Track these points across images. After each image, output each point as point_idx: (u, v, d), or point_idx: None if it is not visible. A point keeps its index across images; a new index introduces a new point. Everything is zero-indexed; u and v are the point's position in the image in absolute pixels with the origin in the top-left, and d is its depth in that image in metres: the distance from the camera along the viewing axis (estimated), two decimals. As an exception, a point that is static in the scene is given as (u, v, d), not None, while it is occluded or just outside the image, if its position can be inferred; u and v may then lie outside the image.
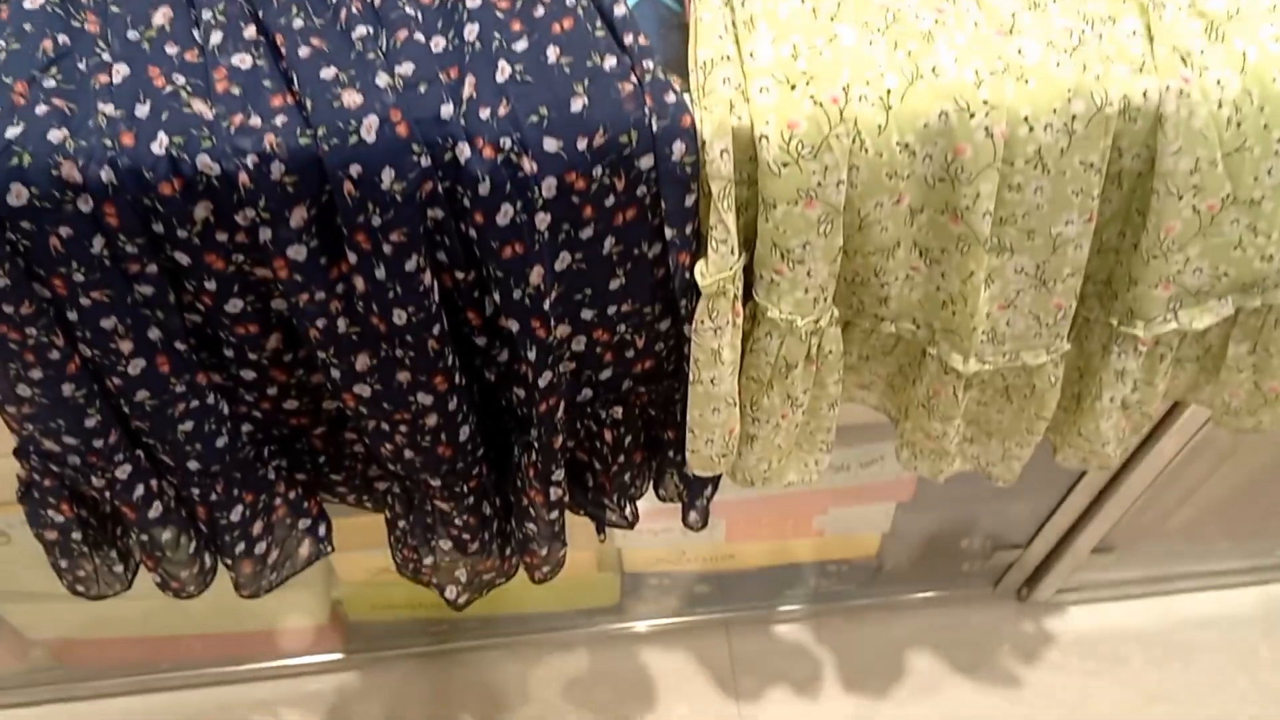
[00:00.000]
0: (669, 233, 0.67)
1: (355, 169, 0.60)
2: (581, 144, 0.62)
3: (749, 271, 0.71)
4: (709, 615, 1.50)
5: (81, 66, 0.62)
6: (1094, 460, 0.85)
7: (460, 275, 0.68)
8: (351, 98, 0.60)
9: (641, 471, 0.89)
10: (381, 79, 0.61)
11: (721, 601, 1.49)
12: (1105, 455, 0.84)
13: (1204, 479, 1.25)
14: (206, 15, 0.64)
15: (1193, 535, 1.43)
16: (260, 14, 0.64)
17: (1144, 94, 0.64)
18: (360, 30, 0.63)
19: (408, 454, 0.79)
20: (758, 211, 0.67)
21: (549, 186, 0.63)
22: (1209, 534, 1.45)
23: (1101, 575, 1.49)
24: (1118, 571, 1.49)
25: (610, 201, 0.65)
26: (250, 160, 0.60)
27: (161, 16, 0.64)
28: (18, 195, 0.59)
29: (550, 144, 0.62)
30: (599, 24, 0.65)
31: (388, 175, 0.61)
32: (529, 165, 0.62)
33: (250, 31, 0.64)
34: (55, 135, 0.59)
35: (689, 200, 0.66)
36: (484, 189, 0.62)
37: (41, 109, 0.60)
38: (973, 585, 1.52)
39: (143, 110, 0.61)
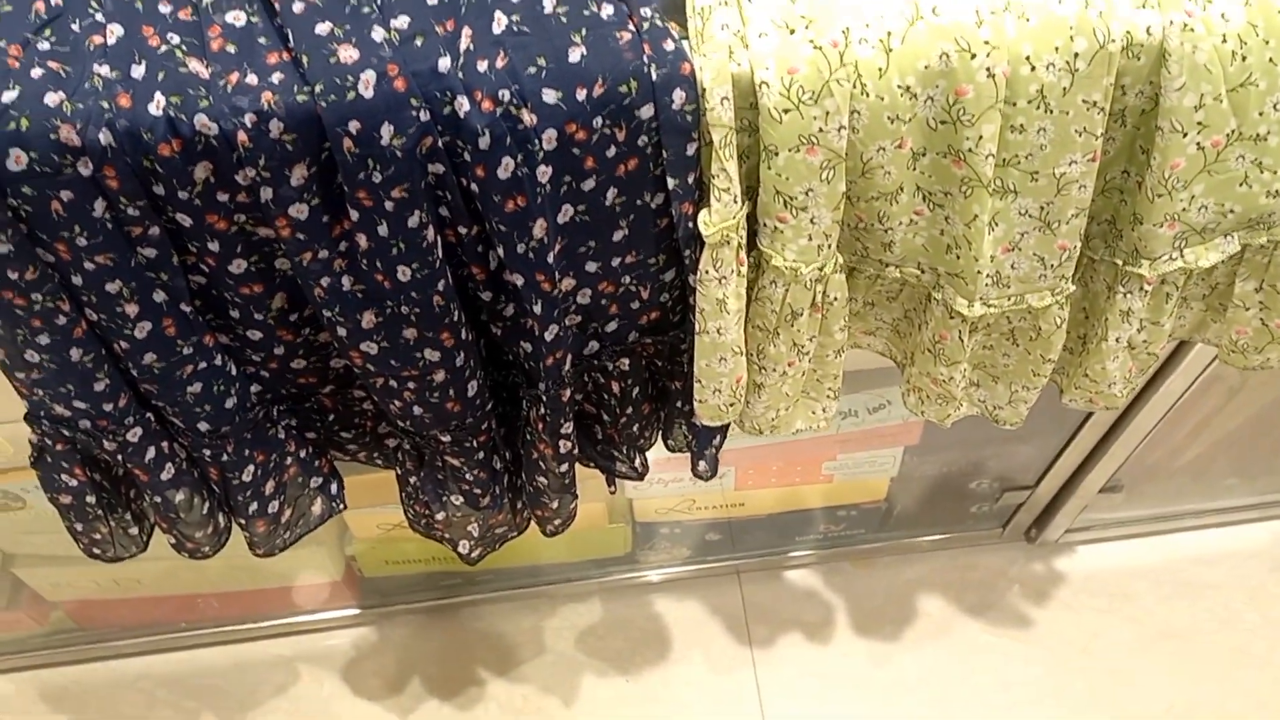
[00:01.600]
0: (671, 182, 0.67)
1: (354, 125, 0.60)
2: (581, 94, 0.62)
3: (752, 220, 0.71)
4: (720, 563, 1.51)
5: (75, 27, 0.62)
6: (1100, 402, 0.85)
7: (463, 230, 0.68)
8: (348, 53, 0.60)
9: (650, 422, 0.89)
10: (377, 33, 0.61)
11: (732, 549, 1.50)
12: (1112, 396, 0.84)
13: (1212, 416, 1.25)
14: (199, -28, 0.63)
15: (1201, 473, 1.44)
16: (253, -31, 0.63)
17: (1147, 29, 0.63)
18: (354, -16, 0.63)
19: (416, 410, 0.79)
20: (760, 159, 0.66)
21: (549, 138, 0.63)
22: (1217, 471, 1.45)
23: (1110, 515, 1.50)
24: (1126, 511, 1.50)
25: (611, 152, 0.65)
26: (248, 119, 0.60)
27: (153, -25, 0.63)
28: (17, 160, 0.59)
29: (549, 95, 0.62)
30: (594, -29, 0.65)
31: (387, 131, 0.61)
32: (528, 117, 0.62)
33: (243, -13, 0.63)
34: (52, 98, 0.59)
35: (690, 149, 0.65)
36: (484, 142, 0.62)
37: (36, 72, 0.60)
38: (981, 527, 1.53)
39: (139, 71, 0.60)
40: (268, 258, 0.69)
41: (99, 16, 0.62)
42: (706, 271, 0.69)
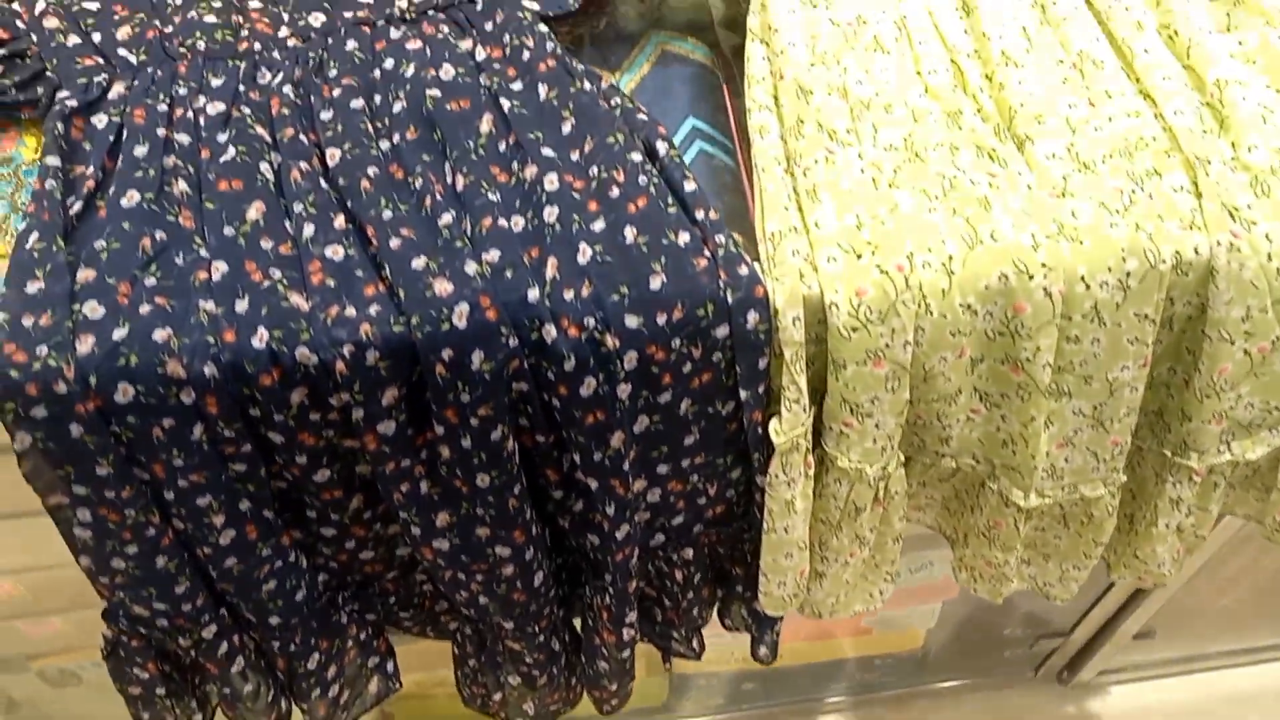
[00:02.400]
0: (743, 394, 0.69)
1: (447, 353, 0.63)
2: (661, 319, 0.65)
3: (817, 420, 0.73)
4: (754, 710, 1.51)
5: (179, 261, 0.65)
6: (1150, 579, 0.87)
7: (541, 438, 0.70)
8: (442, 286, 0.63)
9: (709, 603, 0.91)
10: (470, 267, 0.64)
11: (766, 696, 1.50)
12: (1160, 575, 0.86)
13: (1246, 568, 1.27)
14: (298, 208, 0.66)
15: (1232, 618, 1.45)
16: (349, 203, 0.67)
17: (1195, 249, 0.67)
18: (446, 217, 0.66)
19: (482, 600, 0.81)
20: (826, 366, 0.69)
21: (630, 359, 0.66)
22: (1247, 615, 1.46)
23: (1142, 657, 1.50)
24: (1158, 653, 1.50)
25: (687, 368, 0.68)
26: (347, 350, 0.62)
27: (255, 211, 0.67)
28: (124, 393, 0.62)
29: (631, 321, 0.65)
30: (670, 200, 0.68)
31: (477, 357, 0.63)
32: (611, 341, 0.65)
33: (340, 221, 0.66)
34: (160, 335, 0.62)
35: (762, 364, 0.68)
36: (569, 365, 0.64)
37: (145, 308, 0.63)
38: (1014, 670, 1.53)
39: (242, 305, 0.63)
40: (349, 465, 0.72)
41: (203, 252, 0.65)
42: (776, 476, 0.72)
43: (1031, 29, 0.77)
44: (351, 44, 0.75)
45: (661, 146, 0.70)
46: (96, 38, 0.75)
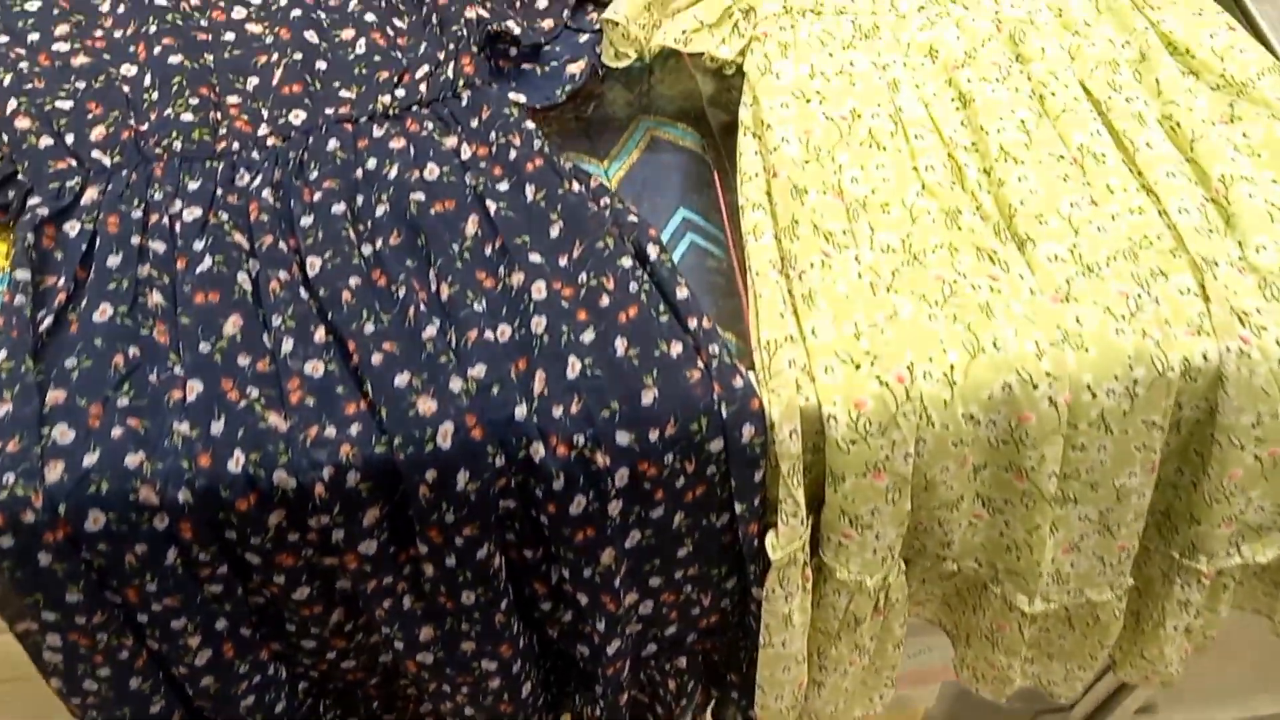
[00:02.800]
0: (738, 507, 0.67)
1: (431, 474, 0.61)
2: (653, 435, 0.63)
3: (815, 529, 0.71)
4: (748, 788, 1.47)
5: (153, 380, 0.63)
6: (1157, 679, 0.85)
7: (529, 553, 0.68)
8: (426, 405, 0.61)
9: (702, 708, 0.88)
10: (455, 384, 0.62)
11: (761, 774, 1.46)
12: (1169, 675, 0.84)
13: (1248, 638, 1.24)
14: (276, 320, 0.64)
15: (1231, 688, 1.42)
16: (330, 315, 0.64)
17: (1204, 355, 0.65)
18: (429, 330, 0.64)
19: (468, 711, 0.78)
20: (824, 477, 0.67)
21: (621, 476, 0.63)
22: (1247, 685, 1.44)
23: (1144, 728, 1.48)
24: (1160, 724, 1.47)
25: (680, 483, 0.66)
26: (326, 473, 0.60)
27: (232, 325, 0.64)
28: (95, 521, 0.59)
29: (622, 438, 0.62)
30: (662, 308, 0.66)
31: (462, 477, 0.61)
32: (602, 459, 0.62)
33: (320, 335, 0.64)
34: (132, 460, 0.59)
35: (757, 477, 0.66)
36: (558, 484, 0.62)
37: (117, 431, 0.60)
38: (1014, 744, 1.50)
39: (218, 427, 0.61)
40: (329, 581, 0.69)
41: (178, 370, 0.63)
42: (773, 590, 0.69)
43: (1030, 122, 0.75)
44: (333, 143, 0.73)
45: (652, 250, 0.68)
46: (69, 139, 0.72)
